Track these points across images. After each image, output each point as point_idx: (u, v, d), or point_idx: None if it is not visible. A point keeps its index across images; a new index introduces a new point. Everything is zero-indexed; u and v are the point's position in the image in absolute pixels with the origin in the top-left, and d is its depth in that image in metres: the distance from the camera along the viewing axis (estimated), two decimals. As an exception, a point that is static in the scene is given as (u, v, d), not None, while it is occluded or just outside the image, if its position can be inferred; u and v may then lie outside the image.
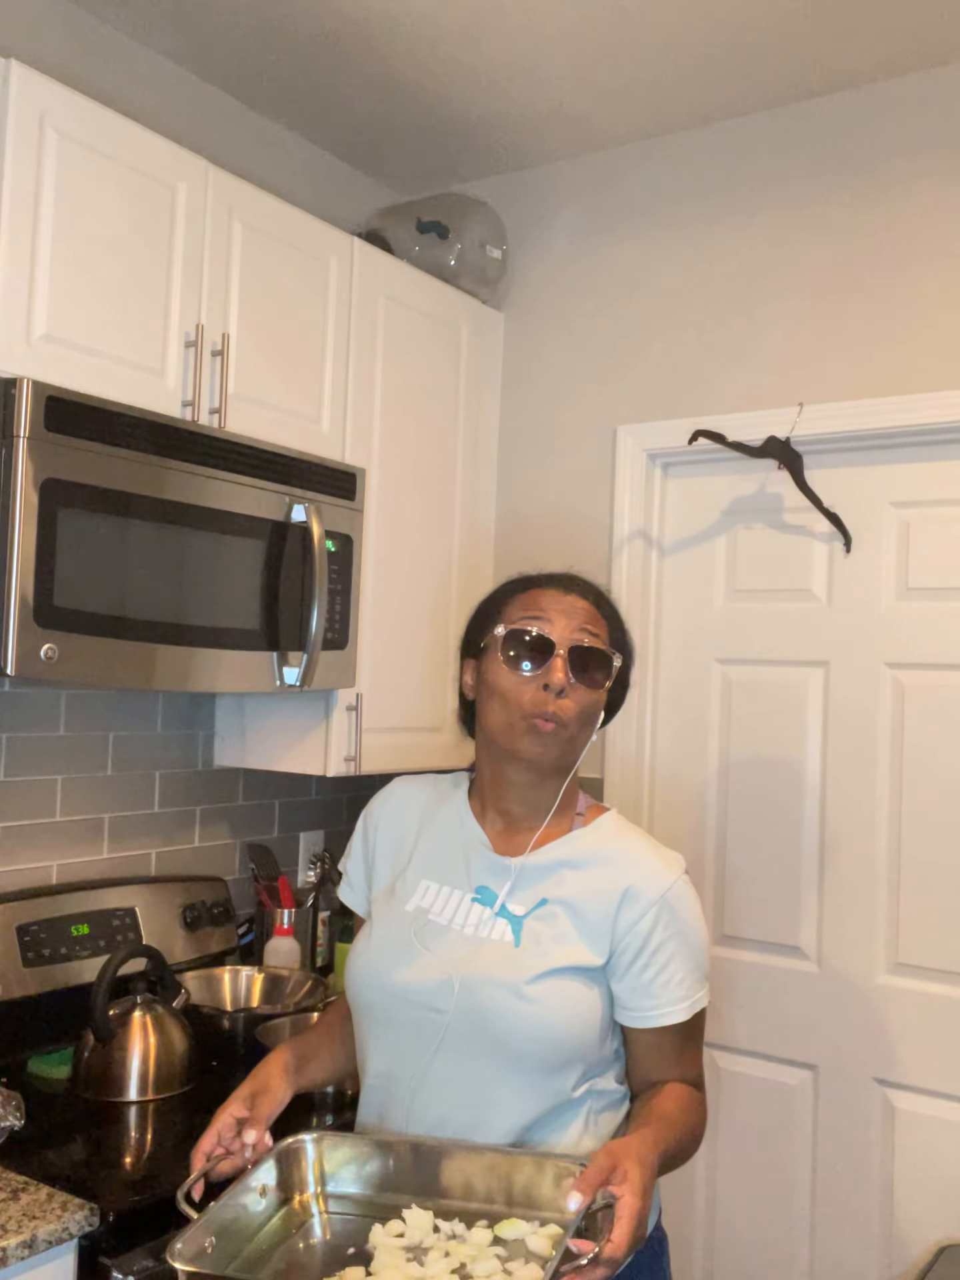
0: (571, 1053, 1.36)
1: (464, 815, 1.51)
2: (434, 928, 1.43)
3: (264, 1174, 1.34)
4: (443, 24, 2.21)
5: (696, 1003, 1.40)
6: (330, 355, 2.28)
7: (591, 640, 1.42)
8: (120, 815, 2.33)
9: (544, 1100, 1.37)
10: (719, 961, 2.43)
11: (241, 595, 2.01)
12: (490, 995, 1.36)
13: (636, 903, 1.38)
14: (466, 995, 1.37)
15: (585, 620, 1.43)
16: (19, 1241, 1.42)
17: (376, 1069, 1.46)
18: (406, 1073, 1.41)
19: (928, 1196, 2.19)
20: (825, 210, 2.38)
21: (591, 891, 1.40)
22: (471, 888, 1.45)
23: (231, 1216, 1.27)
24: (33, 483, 1.66)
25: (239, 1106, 1.42)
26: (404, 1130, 1.41)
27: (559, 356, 2.71)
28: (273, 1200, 1.34)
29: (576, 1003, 1.37)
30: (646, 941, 1.38)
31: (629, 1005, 1.39)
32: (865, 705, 2.31)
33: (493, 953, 1.39)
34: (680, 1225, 2.45)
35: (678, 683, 2.55)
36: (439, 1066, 1.39)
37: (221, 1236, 1.23)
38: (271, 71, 2.41)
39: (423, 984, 1.39)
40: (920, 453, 2.29)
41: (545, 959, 1.37)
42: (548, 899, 1.41)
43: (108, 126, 1.86)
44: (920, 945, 2.23)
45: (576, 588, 1.48)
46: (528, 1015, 1.34)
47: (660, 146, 2.61)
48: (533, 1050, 1.35)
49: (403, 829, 1.55)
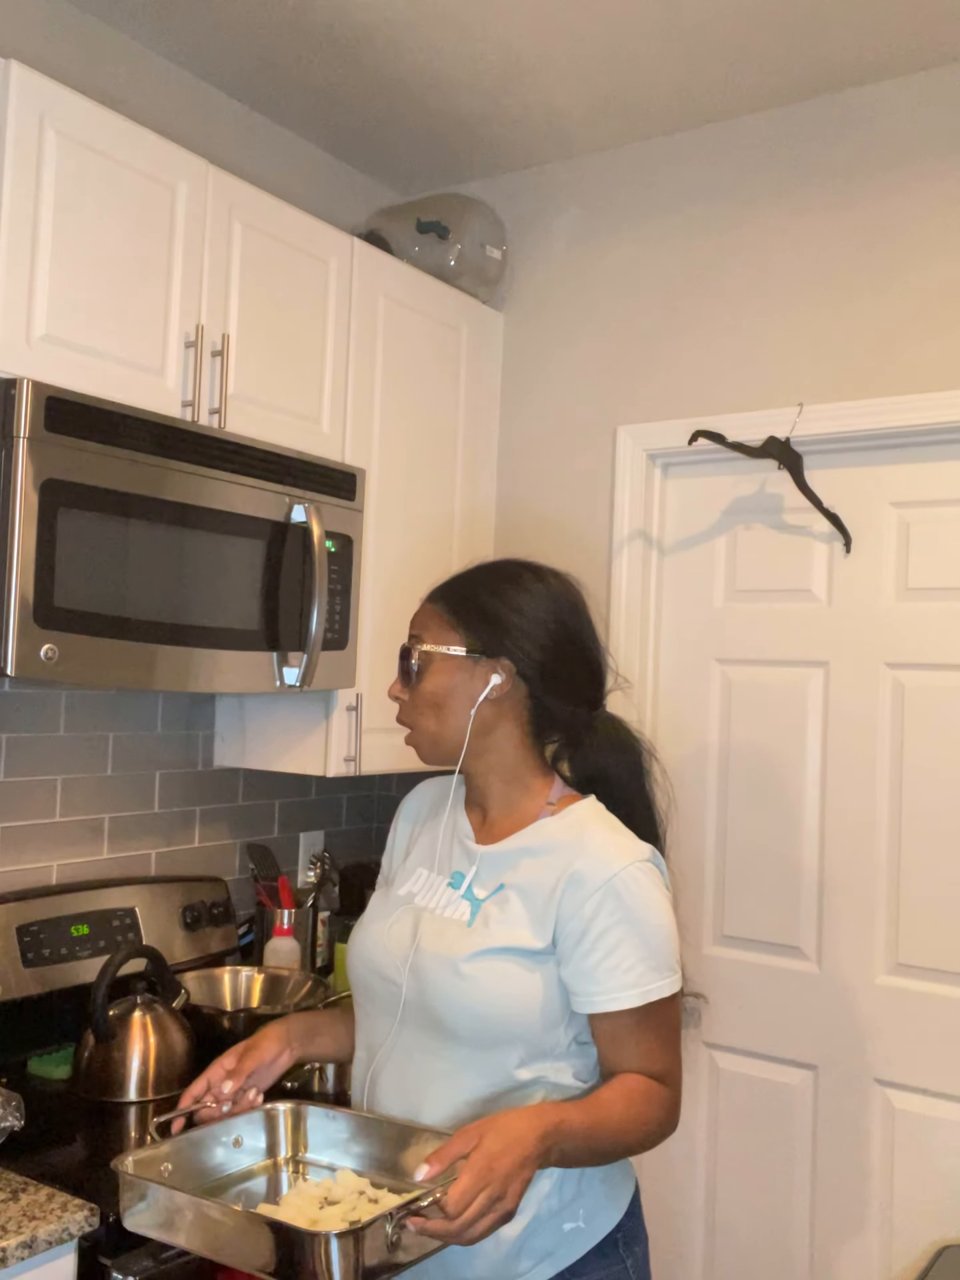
0: (506, 1031, 1.39)
1: (457, 808, 1.59)
2: (413, 909, 1.51)
3: (242, 1127, 1.42)
4: (443, 24, 2.21)
5: (651, 992, 1.37)
6: (330, 355, 2.28)
7: (409, 642, 1.52)
8: (120, 815, 2.33)
9: (482, 1078, 1.40)
10: (719, 961, 2.44)
11: (241, 595, 2.01)
12: (431, 969, 1.42)
13: (581, 887, 1.39)
14: (414, 971, 1.44)
15: (416, 626, 1.53)
16: (19, 1242, 1.43)
17: (361, 1042, 1.55)
18: (376, 1045, 1.50)
19: (928, 1196, 2.19)
20: (825, 210, 2.38)
21: (541, 877, 1.43)
22: (448, 873, 1.52)
23: (196, 1157, 1.36)
24: (33, 483, 1.66)
25: (230, 1059, 1.49)
26: (370, 1101, 1.49)
27: (559, 356, 2.71)
28: (249, 1155, 1.42)
29: (511, 983, 1.39)
30: (589, 926, 1.37)
31: (575, 990, 1.40)
32: (865, 705, 2.31)
33: (446, 930, 1.45)
34: (680, 1225, 2.45)
35: (677, 683, 2.55)
36: (401, 1041, 1.46)
37: (180, 1169, 1.32)
38: (271, 71, 2.41)
39: (388, 959, 1.48)
40: (920, 453, 2.29)
41: (487, 938, 1.41)
42: (505, 884, 1.45)
43: (108, 126, 1.86)
44: (920, 945, 2.23)
45: (433, 593, 1.56)
46: (461, 990, 1.39)
47: (660, 147, 2.61)
48: (466, 1025, 1.40)
49: (415, 822, 1.65)
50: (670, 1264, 2.45)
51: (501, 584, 1.51)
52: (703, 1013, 2.45)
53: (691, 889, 2.49)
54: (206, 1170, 1.38)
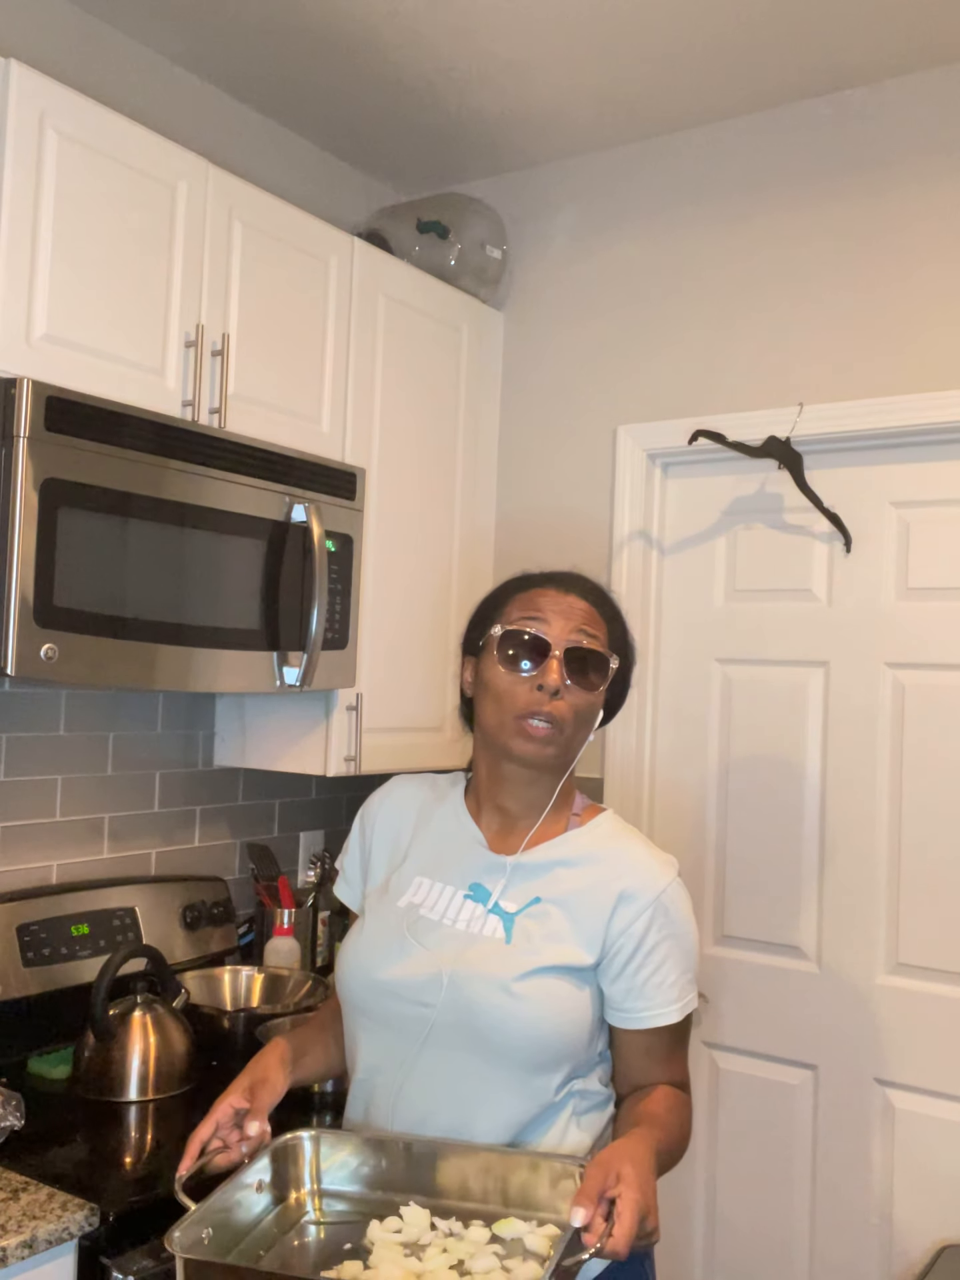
0: (557, 1051, 1.36)
1: (460, 814, 1.51)
2: (425, 923, 1.43)
3: (261, 1170, 1.34)
4: (443, 24, 2.21)
5: (688, 1005, 1.41)
6: (330, 355, 2.28)
7: (588, 641, 1.42)
8: (120, 815, 2.33)
9: (527, 1099, 1.36)
10: (719, 961, 2.44)
11: (241, 595, 2.01)
12: (478, 990, 1.36)
13: (632, 904, 1.38)
14: (455, 990, 1.37)
15: (583, 621, 1.43)
16: (19, 1241, 1.42)
17: (364, 1064, 1.46)
18: (393, 1068, 1.41)
19: (928, 1196, 2.19)
20: (825, 210, 2.38)
21: (586, 891, 1.40)
22: (465, 884, 1.45)
23: (228, 1210, 1.27)
24: (33, 483, 1.66)
25: (238, 1097, 1.40)
26: (388, 1126, 1.41)
27: (559, 356, 2.71)
28: (269, 1197, 1.34)
29: (564, 1001, 1.36)
30: (641, 943, 1.38)
31: (622, 1006, 1.39)
32: (865, 705, 2.31)
33: (484, 949, 1.39)
34: (680, 1225, 2.45)
35: (678, 683, 2.55)
36: (425, 1062, 1.39)
37: (218, 1229, 1.24)
38: (271, 71, 2.41)
39: (412, 979, 1.39)
40: (920, 453, 2.29)
41: (535, 956, 1.37)
42: (541, 897, 1.41)
43: (108, 126, 1.86)
44: (920, 945, 2.23)
45: (577, 588, 1.47)
46: (515, 1012, 1.34)
47: (660, 146, 2.61)
48: (518, 1047, 1.35)
49: (399, 827, 1.55)
50: (671, 1264, 2.44)
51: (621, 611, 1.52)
52: (703, 1013, 2.45)
53: (692, 889, 2.47)
54: (243, 1224, 1.28)
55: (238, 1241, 1.26)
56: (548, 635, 1.41)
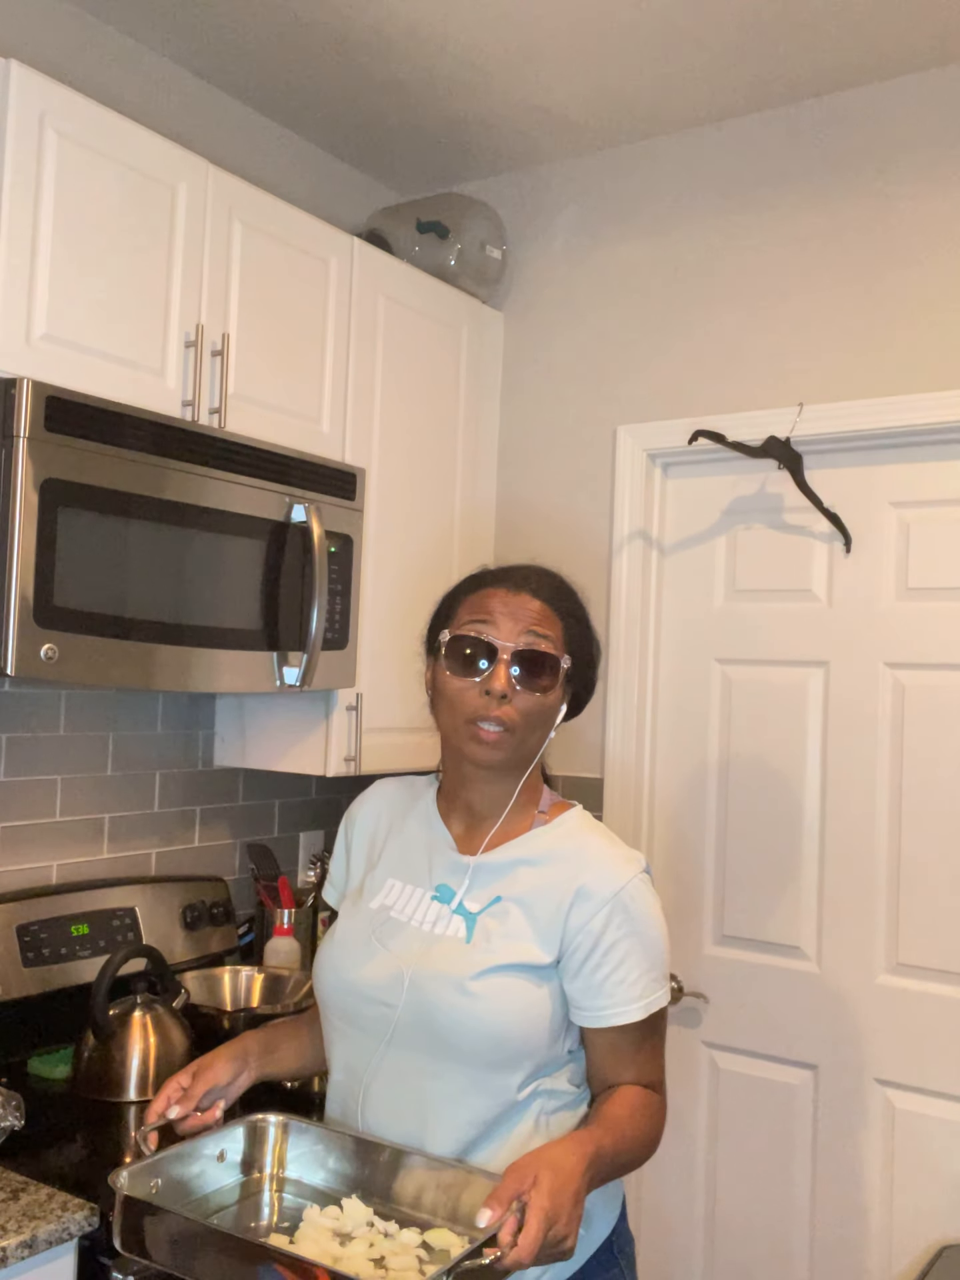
0: (517, 1050, 1.35)
1: (431, 815, 1.51)
2: (393, 924, 1.44)
3: (225, 1141, 1.38)
4: (443, 24, 2.21)
5: (653, 1003, 1.38)
6: (330, 355, 2.28)
7: (539, 643, 1.40)
8: (120, 815, 2.33)
9: (489, 1098, 1.36)
10: (719, 961, 2.44)
11: (241, 595, 2.01)
12: (436, 990, 1.36)
13: (589, 901, 1.37)
14: (415, 990, 1.37)
15: (533, 621, 1.41)
16: (19, 1241, 1.43)
17: (338, 1063, 1.47)
18: (362, 1068, 1.42)
19: (928, 1196, 2.19)
20: (825, 210, 2.38)
21: (545, 889, 1.39)
22: (432, 886, 1.45)
23: (182, 1171, 1.31)
24: (33, 483, 1.66)
25: (185, 1077, 1.44)
26: (358, 1125, 1.42)
27: (559, 356, 2.71)
28: (229, 1169, 1.38)
29: (521, 999, 1.36)
30: (599, 940, 1.36)
31: (582, 1005, 1.38)
32: (865, 705, 2.31)
33: (444, 948, 1.39)
34: (680, 1225, 2.45)
35: (677, 683, 2.55)
36: (389, 1062, 1.40)
37: (168, 1185, 1.28)
38: (272, 71, 2.41)
39: (376, 980, 1.40)
40: (920, 453, 2.29)
41: (492, 955, 1.37)
42: (501, 896, 1.41)
43: (108, 127, 1.86)
44: (920, 945, 2.23)
45: (529, 585, 1.44)
46: (471, 1010, 1.34)
47: (659, 147, 2.61)
48: (476, 1045, 1.35)
49: (376, 828, 1.56)
50: (671, 1264, 2.45)
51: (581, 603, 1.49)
52: (703, 1013, 2.45)
53: (691, 889, 2.49)
54: (195, 1188, 1.33)
55: (185, 1201, 1.30)
56: (495, 639, 1.39)
